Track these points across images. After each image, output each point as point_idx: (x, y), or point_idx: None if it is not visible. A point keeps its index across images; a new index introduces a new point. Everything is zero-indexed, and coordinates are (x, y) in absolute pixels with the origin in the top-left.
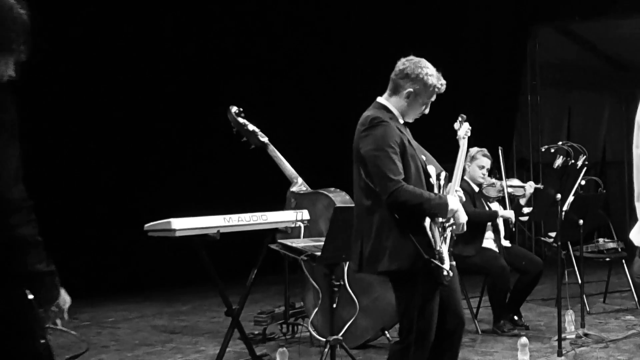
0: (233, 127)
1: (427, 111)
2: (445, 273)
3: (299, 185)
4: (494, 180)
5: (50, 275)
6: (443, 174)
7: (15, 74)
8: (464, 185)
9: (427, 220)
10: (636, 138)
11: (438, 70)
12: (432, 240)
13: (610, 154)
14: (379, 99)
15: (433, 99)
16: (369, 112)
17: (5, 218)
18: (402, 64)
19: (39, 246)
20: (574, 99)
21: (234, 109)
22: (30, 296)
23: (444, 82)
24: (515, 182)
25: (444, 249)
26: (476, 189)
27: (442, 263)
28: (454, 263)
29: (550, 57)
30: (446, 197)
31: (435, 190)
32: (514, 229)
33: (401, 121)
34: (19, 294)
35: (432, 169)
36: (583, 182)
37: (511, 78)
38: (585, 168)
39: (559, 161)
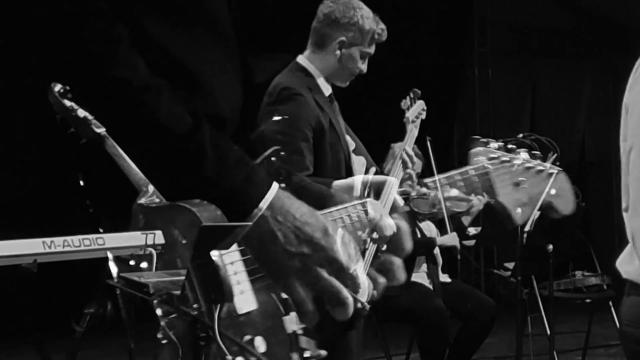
0: (57, 112)
1: (364, 68)
2: (359, 305)
3: (150, 195)
4: (426, 189)
5: None
6: (373, 170)
7: None
8: None
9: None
10: (623, 128)
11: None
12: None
13: (592, 151)
14: (299, 59)
15: (372, 50)
16: (280, 78)
17: None
18: (328, 7)
19: None
20: (540, 74)
21: (58, 87)
22: None
23: (383, 26)
24: (456, 192)
25: (359, 269)
26: (401, 202)
27: (356, 291)
28: (383, 280)
29: (508, 14)
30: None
31: (357, 193)
32: (458, 257)
33: (326, 91)
34: None
35: (359, 162)
36: (553, 192)
37: (451, 44)
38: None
39: None
